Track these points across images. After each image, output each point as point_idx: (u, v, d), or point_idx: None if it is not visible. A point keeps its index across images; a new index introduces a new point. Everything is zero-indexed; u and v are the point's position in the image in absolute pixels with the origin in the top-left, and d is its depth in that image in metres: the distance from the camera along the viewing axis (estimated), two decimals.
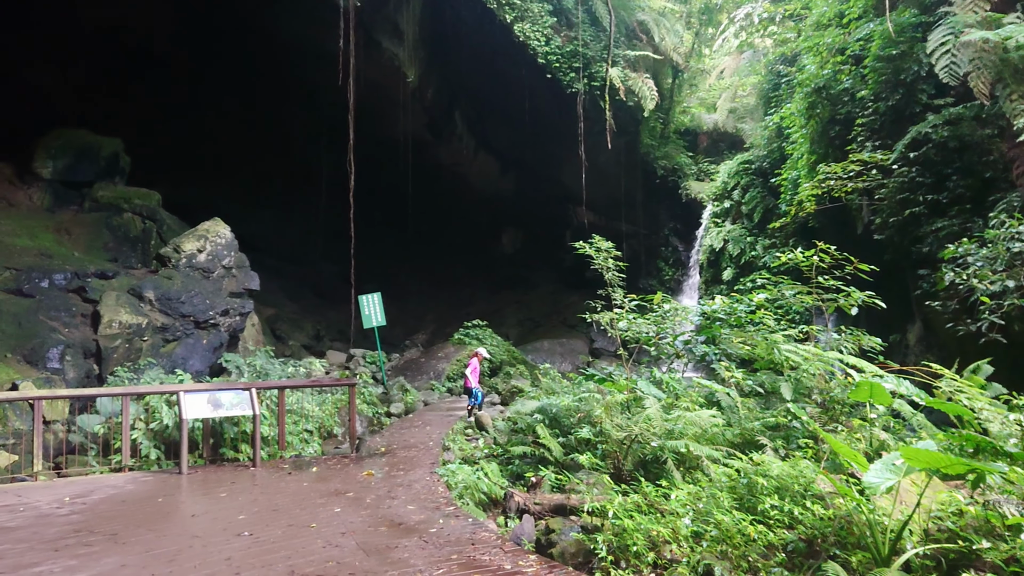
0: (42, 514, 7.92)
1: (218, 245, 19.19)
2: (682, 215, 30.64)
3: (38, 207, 21.24)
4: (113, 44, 23.32)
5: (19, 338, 14.86)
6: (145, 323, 16.24)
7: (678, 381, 12.32)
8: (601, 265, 12.24)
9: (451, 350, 23.80)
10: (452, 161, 31.07)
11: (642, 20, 28.65)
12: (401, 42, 24.26)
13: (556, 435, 10.90)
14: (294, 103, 27.12)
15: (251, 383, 11.78)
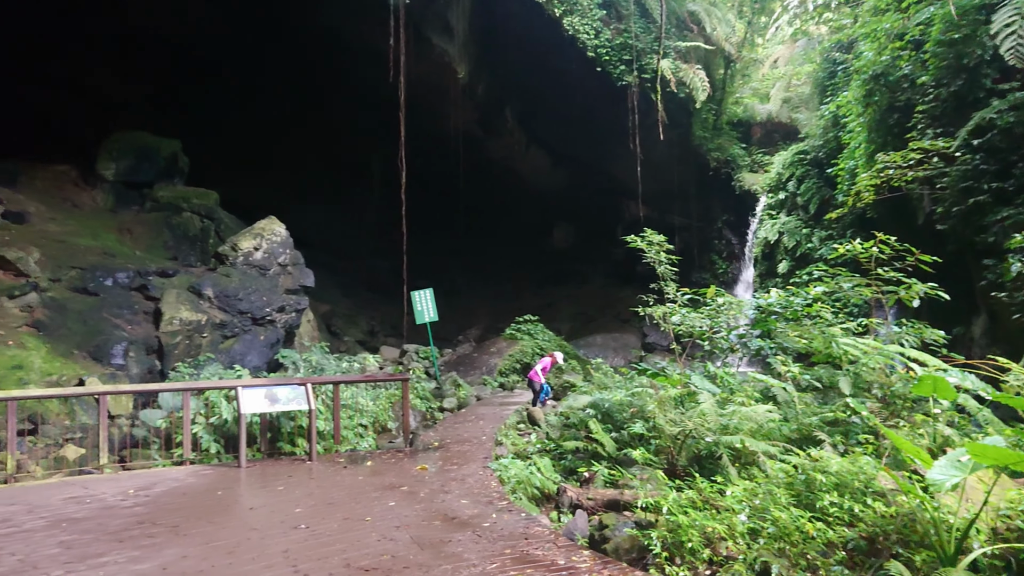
0: (107, 506, 8.17)
1: (274, 243, 19.54)
2: (735, 207, 30.18)
3: (101, 208, 21.90)
4: (169, 48, 23.90)
5: (85, 335, 15.34)
6: (204, 320, 16.63)
7: (732, 376, 12.16)
8: (653, 259, 12.12)
9: (503, 345, 23.86)
10: (503, 156, 31.10)
11: (693, 10, 28.28)
12: (451, 38, 24.34)
13: (609, 430, 10.85)
14: (346, 100, 27.44)
15: (307, 378, 11.97)
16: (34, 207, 19.74)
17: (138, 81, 24.71)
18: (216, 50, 24.28)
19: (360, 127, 28.38)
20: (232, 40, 24.02)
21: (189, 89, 25.25)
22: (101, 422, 10.51)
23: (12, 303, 14.99)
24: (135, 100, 24.74)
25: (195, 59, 24.40)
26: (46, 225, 19.11)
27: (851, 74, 21.23)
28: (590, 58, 25.13)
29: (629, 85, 25.51)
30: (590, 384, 16.76)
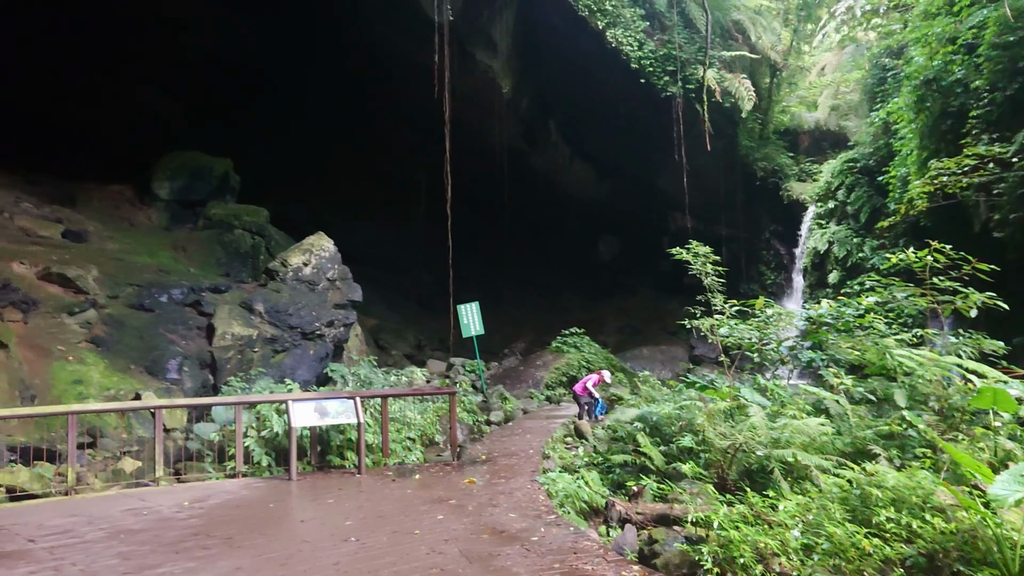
0: (163, 517, 8.35)
1: (322, 258, 19.83)
2: (783, 217, 29.76)
3: (156, 226, 22.51)
4: (222, 68, 24.51)
5: (141, 350, 15.74)
6: (255, 335, 16.93)
7: (783, 388, 11.98)
8: (699, 271, 12.02)
9: (549, 358, 23.83)
10: (547, 169, 31.17)
11: (737, 19, 28.09)
12: (495, 54, 24.54)
13: (657, 444, 10.76)
14: (392, 116, 27.80)
15: (355, 392, 12.11)
16: (93, 226, 20.36)
17: (192, 102, 25.40)
18: (266, 69, 24.86)
19: (406, 142, 28.73)
20: (282, 59, 24.57)
21: (240, 108, 25.86)
22: (157, 436, 10.75)
23: (72, 320, 15.45)
24: (189, 120, 25.41)
25: (246, 78, 25.00)
26: (104, 243, 19.69)
27: (901, 80, 20.83)
28: (633, 70, 25.11)
29: (673, 96, 25.41)
30: (637, 397, 16.65)
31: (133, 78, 23.56)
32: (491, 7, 23.56)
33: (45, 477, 10.83)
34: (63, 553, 6.85)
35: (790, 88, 33.69)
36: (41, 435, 11.90)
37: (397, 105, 26.99)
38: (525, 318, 34.53)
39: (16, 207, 19.49)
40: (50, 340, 14.83)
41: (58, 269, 16.32)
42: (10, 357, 13.62)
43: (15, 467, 10.86)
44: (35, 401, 13.38)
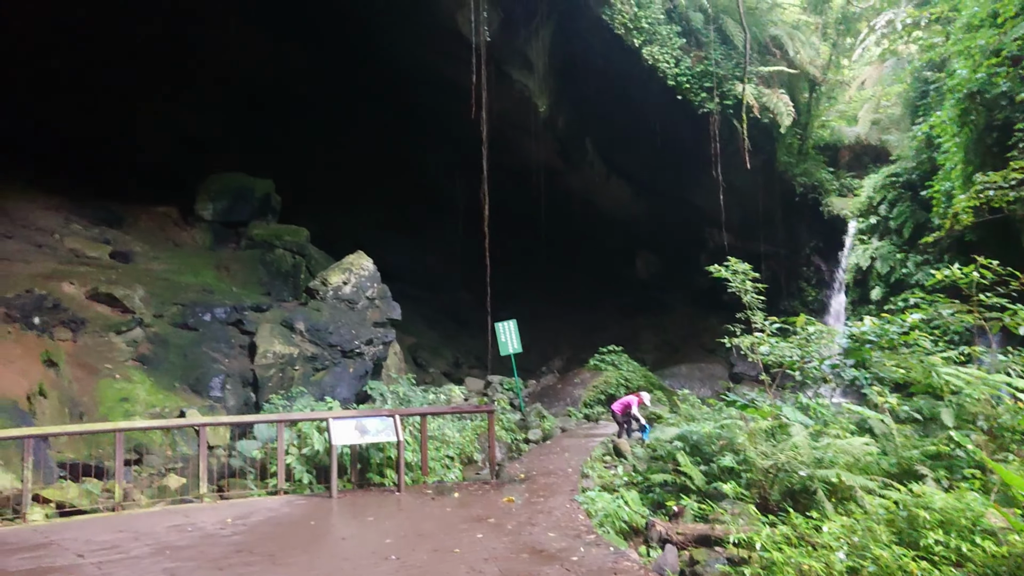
0: (207, 534, 8.47)
1: (362, 277, 20.06)
2: (824, 233, 29.35)
3: (200, 246, 23.00)
4: (264, 91, 25.04)
5: (185, 368, 16.06)
6: (296, 353, 17.16)
7: (826, 407, 11.80)
8: (739, 288, 11.92)
9: (587, 376, 23.74)
10: (584, 187, 31.19)
11: (775, 35, 27.90)
12: (531, 73, 24.70)
13: (697, 463, 10.65)
14: (429, 136, 28.10)
15: (395, 410, 12.19)
16: (139, 247, 20.85)
17: (235, 124, 25.95)
18: (307, 92, 25.32)
19: (444, 162, 29.02)
20: (322, 82, 25.03)
21: (282, 130, 26.35)
22: (201, 453, 10.92)
23: (119, 338, 15.82)
24: (232, 143, 25.96)
25: (288, 101, 25.49)
26: (150, 264, 20.15)
27: (944, 93, 20.50)
28: (670, 87, 25.06)
29: (710, 112, 25.29)
30: (677, 416, 16.50)
31: (179, 102, 24.16)
32: (527, 27, 23.74)
33: (93, 493, 11.07)
34: (111, 568, 6.98)
35: (829, 103, 33.30)
36: (90, 452, 12.17)
37: (435, 125, 27.28)
38: (562, 336, 34.47)
39: (66, 229, 20.05)
40: (98, 358, 15.20)
41: (106, 289, 16.75)
42: (60, 375, 13.98)
43: (65, 483, 11.12)
44: (83, 418, 13.70)
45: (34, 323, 14.84)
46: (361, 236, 25.37)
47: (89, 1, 20.04)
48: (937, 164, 21.58)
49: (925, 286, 15.02)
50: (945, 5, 22.67)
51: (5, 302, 14.81)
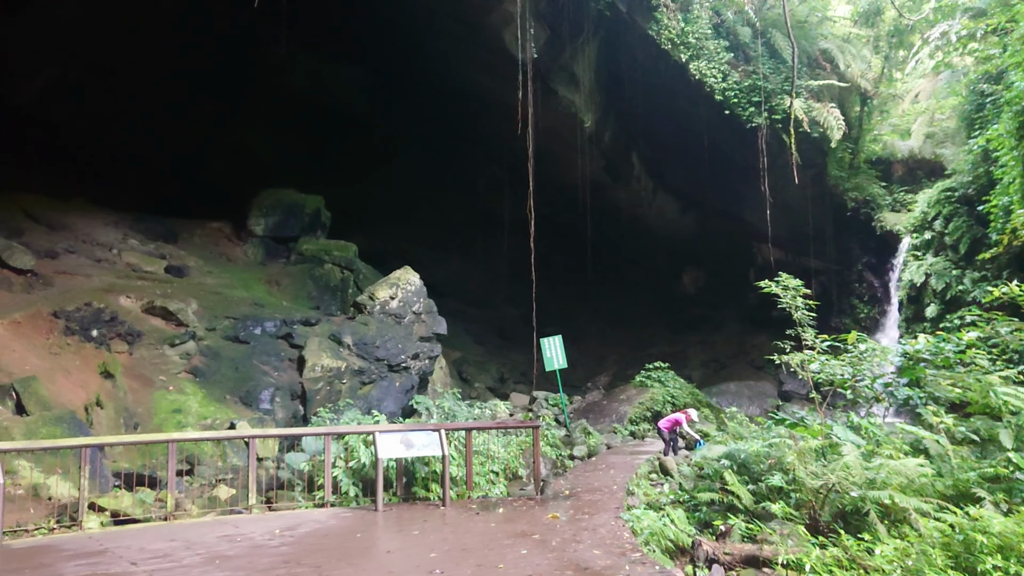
0: (256, 544, 8.60)
1: (408, 292, 20.25)
2: (876, 249, 28.79)
3: (252, 261, 23.50)
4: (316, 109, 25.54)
5: (236, 381, 16.37)
6: (344, 367, 17.38)
7: (878, 427, 11.52)
8: (789, 304, 11.74)
9: (632, 392, 23.57)
10: (630, 203, 31.08)
11: (825, 48, 27.55)
12: (577, 89, 24.76)
13: (745, 482, 10.49)
14: (476, 152, 28.32)
15: (440, 424, 12.26)
16: (193, 261, 21.36)
17: (286, 142, 26.51)
18: (357, 109, 25.76)
19: (490, 177, 29.18)
20: (371, 99, 25.44)
21: (331, 146, 26.83)
22: (251, 464, 11.11)
23: (173, 351, 16.20)
24: (283, 159, 26.51)
25: (338, 118, 25.96)
26: (203, 278, 20.63)
27: (1002, 106, 20.01)
28: (718, 101, 24.90)
29: (759, 127, 25.04)
30: (724, 434, 16.28)
31: (233, 120, 24.79)
32: (573, 43, 23.83)
33: (146, 502, 11.32)
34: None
35: (881, 116, 32.73)
36: (144, 462, 12.46)
37: (482, 141, 27.51)
38: (607, 352, 34.31)
39: (124, 244, 20.65)
40: (152, 370, 15.59)
41: (161, 303, 17.19)
42: (116, 386, 14.36)
43: (119, 492, 11.40)
44: (138, 429, 14.05)
45: (92, 335, 15.30)
46: (408, 251, 25.68)
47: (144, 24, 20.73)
48: (994, 178, 21.01)
49: (982, 303, 14.63)
50: (1002, 16, 22.16)
51: (66, 315, 15.30)
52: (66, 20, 20.05)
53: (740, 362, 31.56)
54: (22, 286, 16.54)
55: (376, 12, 21.92)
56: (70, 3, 19.70)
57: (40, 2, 19.30)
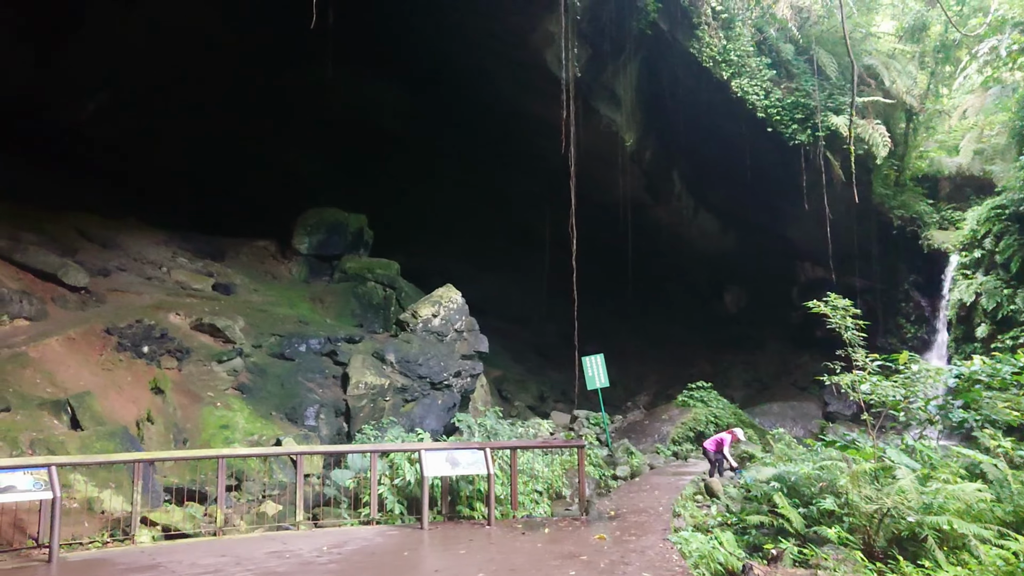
0: (305, 561, 8.66)
1: (451, 310, 20.34)
2: (924, 267, 28.27)
3: (296, 279, 23.84)
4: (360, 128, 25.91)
5: (282, 397, 16.56)
6: (387, 384, 17.49)
7: (933, 450, 11.27)
8: (838, 324, 11.57)
9: (675, 412, 23.36)
10: (671, 221, 30.93)
11: (869, 64, 27.26)
12: (618, 107, 24.78)
13: (795, 505, 10.32)
14: (516, 170, 28.46)
15: (485, 443, 12.27)
16: (240, 279, 21.72)
17: (330, 161, 26.93)
18: (400, 128, 26.09)
19: (531, 196, 29.27)
20: (414, 119, 25.74)
21: (374, 165, 27.19)
22: (298, 481, 11.22)
23: (220, 367, 16.44)
24: (327, 178, 26.91)
25: (381, 137, 26.32)
26: (250, 296, 20.96)
27: None
28: (760, 119, 24.75)
29: (802, 144, 24.83)
30: (771, 455, 16.05)
31: (278, 140, 25.27)
32: (614, 62, 23.88)
33: (196, 517, 11.47)
34: None
35: (928, 133, 32.23)
36: (193, 477, 12.63)
37: (522, 159, 27.62)
38: (647, 371, 34.08)
39: (173, 262, 21.08)
40: (201, 386, 15.84)
41: (209, 320, 17.48)
42: (166, 402, 14.61)
43: (170, 507, 11.56)
44: (186, 444, 14.26)
45: (143, 352, 15.60)
46: (449, 269, 25.79)
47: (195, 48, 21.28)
48: None
49: None
50: None
51: (118, 331, 15.63)
52: (120, 44, 20.65)
53: (783, 382, 31.15)
54: (76, 303, 16.94)
55: (419, 32, 22.21)
56: (125, 28, 20.31)
57: (96, 27, 19.91)
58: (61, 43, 19.75)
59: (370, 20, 21.07)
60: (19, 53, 19.41)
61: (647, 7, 22.60)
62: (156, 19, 20.36)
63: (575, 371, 20.21)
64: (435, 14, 21.42)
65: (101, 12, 19.55)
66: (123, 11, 19.82)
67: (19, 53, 19.41)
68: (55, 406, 12.72)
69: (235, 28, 21.23)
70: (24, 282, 16.43)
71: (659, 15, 22.97)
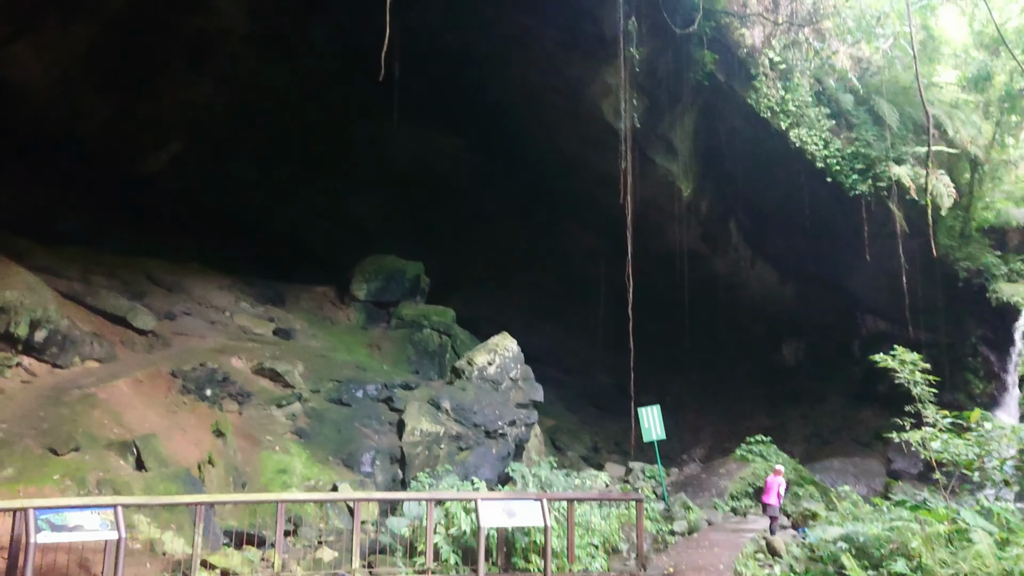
0: None
1: (506, 358, 20.37)
2: (992, 321, 27.38)
3: (354, 325, 24.18)
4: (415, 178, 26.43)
5: (339, 443, 16.68)
6: (442, 431, 17.49)
7: (1011, 512, 10.79)
8: (907, 379, 11.25)
9: (733, 467, 22.83)
10: (728, 271, 30.65)
11: (932, 114, 26.85)
12: (675, 157, 24.83)
13: (865, 567, 9.94)
14: (573, 219, 28.63)
15: (542, 494, 12.15)
16: (299, 324, 22.12)
17: (388, 208, 27.46)
18: (458, 178, 26.54)
19: (586, 245, 29.38)
20: (472, 168, 26.18)
21: (431, 213, 27.62)
22: (355, 528, 11.21)
23: (280, 411, 16.68)
24: (385, 225, 27.41)
25: (439, 187, 26.79)
26: (309, 341, 21.30)
27: None
28: (819, 169, 24.51)
29: (863, 194, 24.49)
30: (835, 513, 15.54)
31: (339, 188, 25.92)
32: (671, 113, 24.01)
33: (253, 562, 11.52)
34: None
35: (994, 183, 31.44)
36: (251, 520, 12.72)
37: (577, 209, 27.79)
38: (703, 423, 33.45)
39: (236, 307, 21.59)
40: (260, 430, 16.05)
41: (270, 364, 17.81)
42: (227, 445, 14.83)
43: (228, 550, 11.64)
44: (245, 487, 14.40)
45: (206, 395, 15.92)
46: (503, 317, 25.95)
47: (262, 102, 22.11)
48: None
49: None
50: None
51: (183, 374, 16.00)
52: (192, 98, 21.58)
53: (844, 438, 30.24)
54: (143, 346, 17.43)
55: (479, 86, 22.73)
56: (197, 83, 21.23)
57: (170, 82, 20.84)
58: (137, 98, 20.69)
59: (433, 74, 21.67)
60: (98, 107, 20.39)
61: (704, 59, 22.76)
62: (227, 75, 21.26)
63: (630, 422, 20.03)
64: (496, 68, 21.96)
65: (175, 68, 20.49)
66: (195, 68, 20.76)
67: (98, 107, 20.39)
68: (122, 447, 13.01)
69: (302, 83, 22.04)
70: (95, 324, 16.99)
71: (716, 66, 23.09)
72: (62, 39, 18.21)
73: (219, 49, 20.49)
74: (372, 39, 13.90)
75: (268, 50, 20.92)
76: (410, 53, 18.08)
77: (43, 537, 8.83)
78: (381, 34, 12.84)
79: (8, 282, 15.11)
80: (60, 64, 18.70)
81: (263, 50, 20.86)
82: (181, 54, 20.15)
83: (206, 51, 20.39)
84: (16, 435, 12.29)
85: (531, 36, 20.81)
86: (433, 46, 20.66)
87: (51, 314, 15.28)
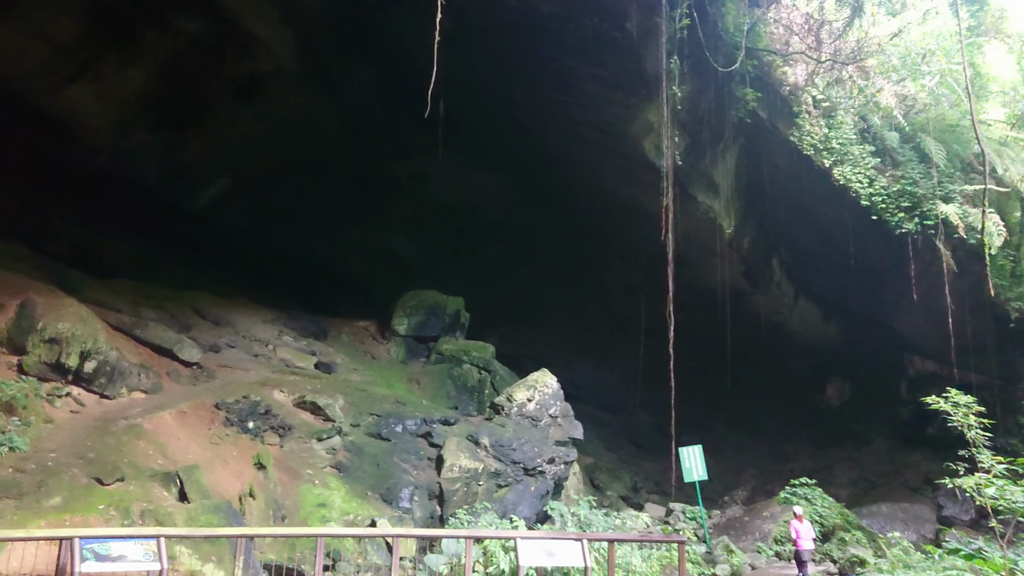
0: None
1: (545, 395, 20.26)
2: None
3: (394, 359, 24.31)
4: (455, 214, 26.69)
5: (377, 478, 16.66)
6: (481, 468, 17.39)
7: None
8: (961, 422, 10.93)
9: (776, 510, 22.27)
10: (770, 309, 30.24)
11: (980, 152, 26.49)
12: (716, 195, 24.73)
13: None
14: (613, 256, 28.56)
15: (582, 534, 12.02)
16: (340, 358, 22.31)
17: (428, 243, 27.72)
18: (498, 214, 26.72)
19: (625, 282, 29.26)
20: (512, 205, 26.34)
21: (470, 249, 27.80)
22: (394, 564, 11.19)
23: (320, 445, 16.76)
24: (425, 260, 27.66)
25: (479, 223, 27.00)
26: (350, 375, 21.44)
27: None
28: (864, 207, 24.18)
29: (909, 233, 24.09)
30: (884, 560, 15.07)
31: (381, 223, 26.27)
32: (713, 150, 23.96)
33: None
34: None
35: None
36: (290, 555, 12.74)
37: (617, 245, 27.76)
38: (745, 464, 32.78)
39: (279, 340, 21.86)
40: (300, 463, 16.13)
41: (311, 398, 17.96)
42: (267, 478, 14.91)
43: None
44: (284, 521, 14.45)
45: (248, 427, 16.08)
46: (542, 353, 25.84)
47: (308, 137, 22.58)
48: None
49: None
50: None
51: (226, 406, 16.20)
52: (239, 136, 22.11)
53: (892, 482, 29.37)
54: (188, 378, 17.69)
55: (521, 123, 22.94)
56: (242, 121, 21.77)
57: (218, 121, 21.41)
58: (188, 136, 21.29)
59: (476, 112, 21.93)
60: (150, 145, 21.01)
61: (746, 96, 22.69)
62: (273, 112, 21.78)
63: (670, 461, 19.72)
64: (538, 107, 22.13)
65: (223, 107, 21.07)
66: (243, 105, 21.32)
67: (150, 145, 21.01)
68: (165, 478, 13.15)
69: (347, 119, 22.47)
70: (143, 356, 17.30)
71: (758, 104, 23.01)
72: (119, 81, 18.88)
73: (267, 87, 21.04)
74: (417, 78, 14.14)
75: (315, 88, 21.42)
76: (454, 91, 18.30)
77: (87, 567, 8.93)
78: (425, 74, 13.04)
79: (60, 314, 15.49)
80: (116, 104, 19.36)
81: (310, 88, 21.36)
82: (230, 93, 20.73)
83: (256, 89, 20.95)
84: (64, 464, 12.50)
85: (573, 75, 20.98)
86: (477, 85, 20.95)
87: (100, 345, 15.60)
